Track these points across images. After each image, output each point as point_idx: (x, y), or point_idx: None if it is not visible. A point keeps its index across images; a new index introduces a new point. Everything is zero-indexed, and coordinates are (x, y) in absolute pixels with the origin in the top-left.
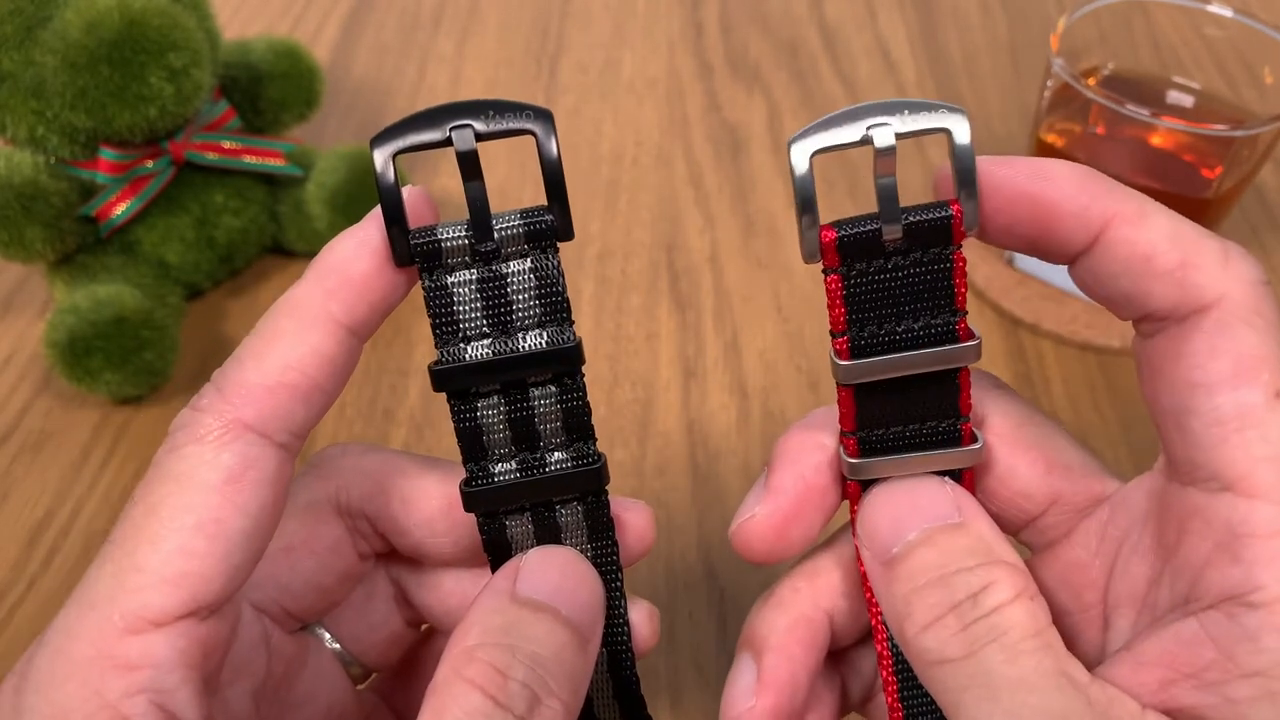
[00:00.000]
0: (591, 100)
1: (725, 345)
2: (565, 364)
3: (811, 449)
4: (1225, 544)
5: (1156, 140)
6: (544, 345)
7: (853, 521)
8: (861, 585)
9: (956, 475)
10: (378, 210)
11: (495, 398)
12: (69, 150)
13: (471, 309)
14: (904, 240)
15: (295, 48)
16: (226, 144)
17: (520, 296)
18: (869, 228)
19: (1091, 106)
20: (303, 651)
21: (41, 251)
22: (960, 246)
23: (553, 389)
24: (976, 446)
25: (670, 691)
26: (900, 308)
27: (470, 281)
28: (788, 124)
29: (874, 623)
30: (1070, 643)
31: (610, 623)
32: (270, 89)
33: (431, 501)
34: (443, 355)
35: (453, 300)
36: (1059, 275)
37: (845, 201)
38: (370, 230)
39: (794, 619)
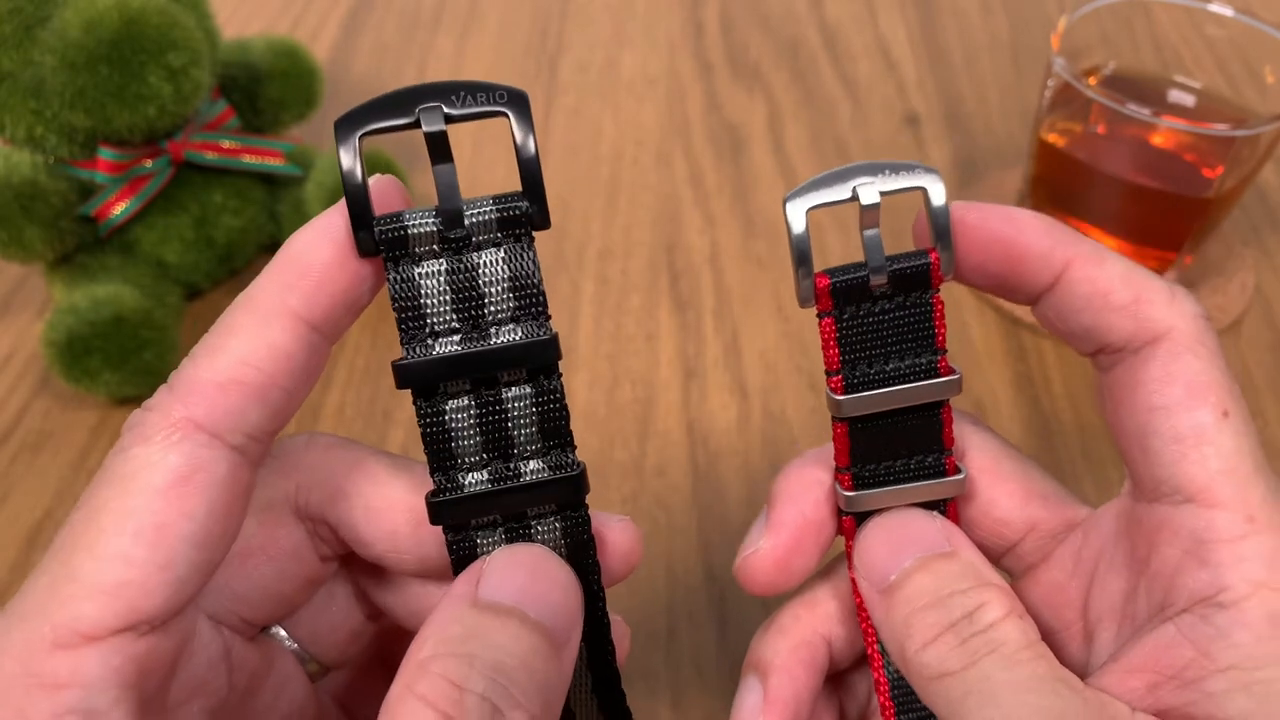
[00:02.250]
0: (591, 100)
1: (725, 345)
2: (540, 362)
3: (809, 485)
4: (1193, 551)
5: (1157, 140)
6: (518, 341)
7: (848, 554)
8: (857, 614)
9: (942, 506)
10: (344, 200)
11: (465, 399)
12: (68, 150)
13: (440, 302)
14: (889, 285)
15: (295, 47)
16: (225, 143)
17: (493, 289)
18: (858, 274)
19: (1092, 106)
20: (266, 658)
21: (40, 251)
22: (939, 290)
23: (528, 390)
24: (960, 477)
25: (670, 691)
26: (888, 348)
27: (439, 272)
28: (788, 124)
29: (870, 650)
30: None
31: (594, 649)
32: (269, 88)
33: (396, 515)
34: (408, 352)
35: (420, 293)
36: None
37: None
38: (333, 219)
39: (796, 643)
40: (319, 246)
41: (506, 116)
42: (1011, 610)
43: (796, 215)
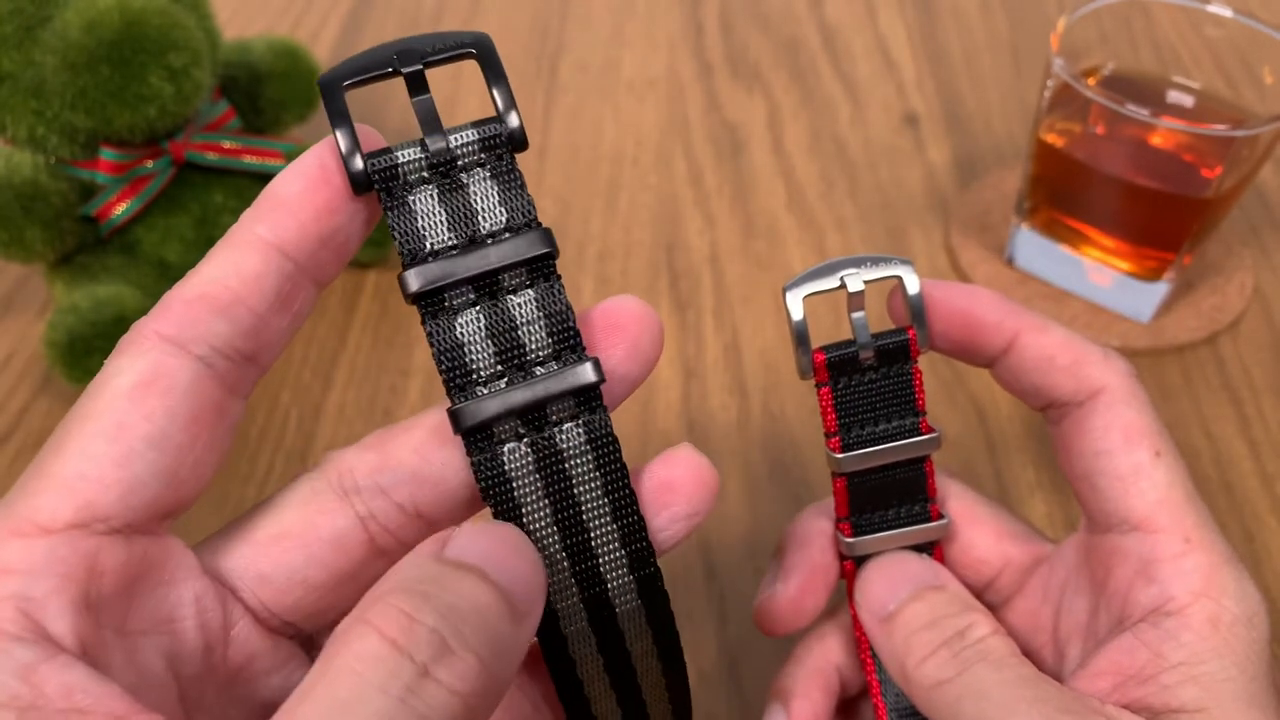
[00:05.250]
0: (591, 100)
1: (725, 345)
2: (537, 253)
3: (815, 534)
4: (1141, 571)
5: (1156, 140)
6: (512, 242)
7: (849, 594)
8: (858, 647)
9: (929, 548)
10: (323, 141)
11: (473, 312)
12: (69, 150)
13: (436, 224)
14: (875, 359)
15: (295, 47)
16: (226, 144)
17: (484, 204)
18: (849, 350)
19: (1091, 106)
20: (280, 662)
21: (41, 251)
22: (917, 362)
23: (530, 294)
24: (944, 522)
25: None
26: (876, 412)
27: (431, 197)
28: (788, 124)
29: (869, 679)
30: None
31: (640, 572)
32: (270, 89)
33: (447, 442)
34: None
35: (415, 217)
36: (1059, 274)
37: (845, 201)
38: (306, 159)
39: (811, 670)
40: (288, 181)
41: (474, 56)
42: (996, 629)
43: (795, 302)
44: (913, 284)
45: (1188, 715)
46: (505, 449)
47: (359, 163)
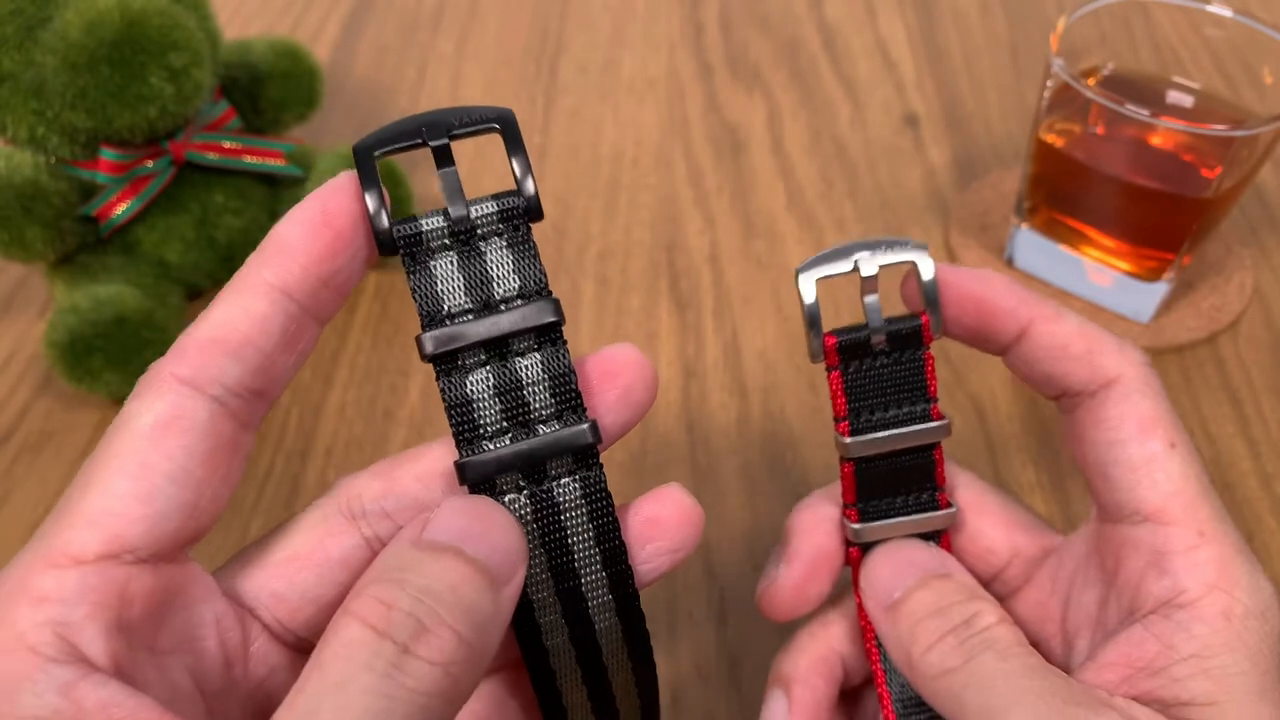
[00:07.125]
0: (591, 100)
1: (725, 345)
2: (545, 321)
3: (820, 520)
4: (1153, 562)
5: (1156, 140)
6: (522, 310)
7: (854, 581)
8: (863, 635)
9: (936, 537)
10: (324, 186)
11: (483, 371)
12: (69, 150)
13: (454, 288)
14: (887, 343)
15: (295, 48)
16: (227, 144)
17: (499, 271)
18: (861, 334)
19: (1091, 106)
20: (295, 672)
21: (42, 251)
22: (929, 347)
23: (537, 357)
24: (952, 510)
25: (670, 691)
26: (887, 397)
27: (451, 263)
28: (788, 124)
29: (874, 668)
30: None
31: (625, 615)
32: (270, 89)
33: (449, 476)
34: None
35: (435, 281)
36: (1059, 274)
37: (844, 201)
38: (309, 205)
39: (814, 658)
40: (290, 227)
41: (497, 130)
42: (1003, 618)
43: (807, 286)
44: (927, 269)
45: (1198, 708)
46: (506, 499)
47: (384, 221)
